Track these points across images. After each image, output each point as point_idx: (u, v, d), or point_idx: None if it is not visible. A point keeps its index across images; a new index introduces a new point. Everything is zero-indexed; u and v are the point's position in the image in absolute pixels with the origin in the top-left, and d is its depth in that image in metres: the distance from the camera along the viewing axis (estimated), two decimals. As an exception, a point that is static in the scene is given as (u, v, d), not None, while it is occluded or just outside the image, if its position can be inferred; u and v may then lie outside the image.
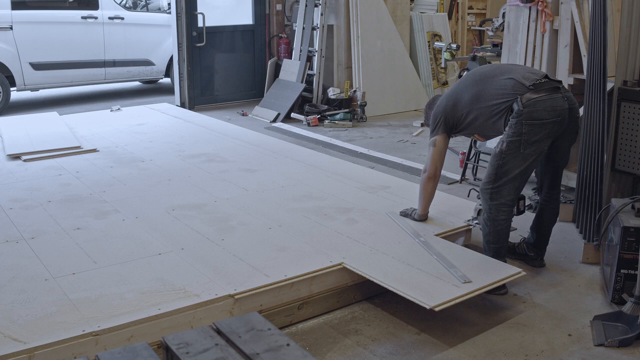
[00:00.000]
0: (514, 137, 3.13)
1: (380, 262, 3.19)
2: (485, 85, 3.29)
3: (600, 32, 3.84)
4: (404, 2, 8.50)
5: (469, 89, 3.35)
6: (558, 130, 3.19)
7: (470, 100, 3.32)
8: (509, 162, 3.16)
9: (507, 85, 3.20)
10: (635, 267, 3.10)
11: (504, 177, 3.19)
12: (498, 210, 3.25)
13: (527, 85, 3.15)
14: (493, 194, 3.24)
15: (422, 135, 6.92)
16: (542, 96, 3.12)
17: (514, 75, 3.22)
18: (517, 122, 3.11)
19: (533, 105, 3.10)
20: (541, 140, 3.14)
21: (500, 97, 3.20)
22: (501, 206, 3.25)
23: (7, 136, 5.83)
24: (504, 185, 3.21)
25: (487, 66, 3.53)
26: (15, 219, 3.79)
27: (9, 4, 7.78)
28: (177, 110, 7.46)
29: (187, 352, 2.21)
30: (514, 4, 5.09)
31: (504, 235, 3.30)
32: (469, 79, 3.41)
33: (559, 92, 3.18)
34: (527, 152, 3.14)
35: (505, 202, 3.23)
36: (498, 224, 3.27)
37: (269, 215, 3.84)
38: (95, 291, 2.87)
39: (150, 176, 4.67)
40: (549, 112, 3.12)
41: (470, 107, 3.33)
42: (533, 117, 3.10)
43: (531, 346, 2.84)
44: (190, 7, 8.16)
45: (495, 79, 3.27)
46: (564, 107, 3.17)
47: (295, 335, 2.94)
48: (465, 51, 9.99)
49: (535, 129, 3.10)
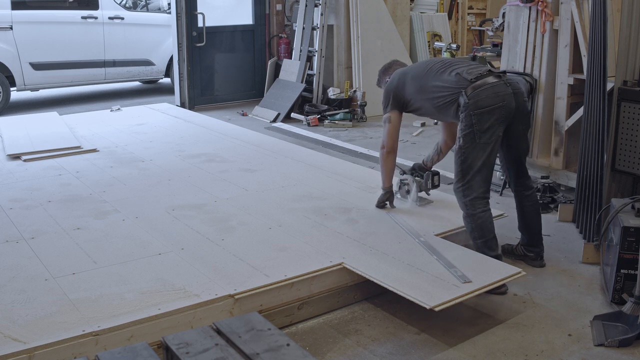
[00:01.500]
0: (467, 130, 3.27)
1: (380, 262, 3.19)
2: (430, 79, 3.46)
3: (600, 32, 3.84)
4: (404, 2, 8.51)
5: (415, 81, 3.53)
6: (507, 114, 3.30)
7: (415, 91, 3.52)
8: (470, 156, 3.28)
9: (452, 80, 3.36)
10: (635, 267, 3.10)
11: (470, 172, 3.30)
12: (474, 205, 3.33)
13: (469, 79, 3.29)
14: (465, 190, 3.33)
15: (422, 135, 6.92)
16: (485, 85, 3.27)
17: (459, 70, 3.38)
18: (466, 114, 3.26)
19: (477, 95, 3.24)
20: (492, 126, 3.25)
21: (445, 90, 3.38)
22: (475, 200, 3.33)
23: (7, 136, 5.83)
24: (473, 180, 3.31)
25: (434, 60, 3.66)
26: (15, 219, 3.79)
27: (9, 4, 7.78)
28: (177, 110, 7.46)
29: (187, 352, 2.21)
30: (514, 4, 5.08)
31: (487, 227, 3.35)
32: (417, 69, 3.61)
33: (500, 79, 3.32)
34: (483, 140, 3.26)
35: (477, 195, 3.32)
36: (478, 218, 3.33)
37: (269, 215, 3.84)
38: (95, 291, 2.87)
39: (150, 176, 4.67)
40: (493, 99, 3.25)
41: (415, 97, 3.54)
42: (479, 106, 3.23)
43: (531, 346, 2.84)
44: (190, 7, 8.16)
45: (440, 74, 3.43)
46: (507, 92, 3.29)
47: (295, 335, 2.94)
48: (465, 51, 10.00)
49: (484, 117, 3.23)
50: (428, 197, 4.10)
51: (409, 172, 4.09)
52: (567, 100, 4.74)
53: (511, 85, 3.34)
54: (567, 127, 4.75)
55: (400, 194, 4.08)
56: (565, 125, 4.76)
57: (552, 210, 4.50)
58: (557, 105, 4.83)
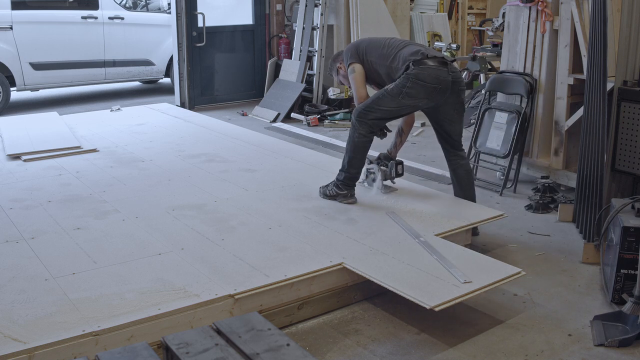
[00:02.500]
0: (399, 86, 3.78)
1: (380, 262, 3.19)
2: (393, 49, 3.93)
3: (600, 32, 3.84)
4: (404, 2, 8.51)
5: (377, 48, 3.99)
6: (438, 96, 3.80)
7: (377, 55, 3.97)
8: (385, 100, 3.82)
9: (412, 51, 3.85)
10: (635, 267, 3.10)
11: (375, 107, 3.84)
12: (360, 124, 3.88)
13: (428, 55, 3.79)
14: (361, 114, 3.87)
15: (422, 135, 6.92)
16: (432, 66, 3.75)
17: (421, 49, 3.87)
18: (406, 75, 3.77)
19: (422, 70, 3.73)
20: (418, 98, 3.78)
21: (403, 59, 3.84)
22: (363, 124, 3.88)
23: (7, 136, 5.83)
24: (372, 112, 3.85)
25: (394, 38, 4.12)
26: (15, 219, 3.79)
27: (9, 4, 7.78)
28: (177, 110, 7.46)
29: (187, 352, 2.21)
30: (514, 4, 5.09)
31: (360, 148, 3.93)
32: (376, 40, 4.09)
33: (446, 67, 3.79)
34: (403, 101, 3.79)
35: (367, 122, 3.87)
36: (357, 137, 3.89)
37: (269, 215, 3.84)
38: (95, 291, 2.86)
39: (150, 176, 4.67)
40: (432, 79, 3.74)
41: (377, 61, 3.97)
42: (418, 77, 3.73)
43: (531, 346, 2.85)
44: (190, 7, 8.16)
45: (403, 47, 3.93)
46: (447, 79, 3.77)
47: (295, 335, 2.94)
48: (465, 51, 10.00)
49: (416, 87, 3.74)
50: (393, 185, 4.32)
51: (375, 161, 4.31)
52: (567, 100, 4.74)
53: (453, 75, 3.81)
54: (567, 127, 4.75)
55: (367, 182, 4.32)
56: (565, 125, 4.76)
57: (552, 210, 4.50)
58: (557, 105, 4.83)
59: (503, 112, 5.08)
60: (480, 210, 3.97)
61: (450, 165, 4.10)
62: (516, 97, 5.10)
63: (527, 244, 4.00)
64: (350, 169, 3.97)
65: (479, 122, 5.23)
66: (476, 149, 5.22)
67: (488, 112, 5.20)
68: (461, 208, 3.98)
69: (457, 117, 3.96)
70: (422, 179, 5.29)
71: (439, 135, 4.06)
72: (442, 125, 3.99)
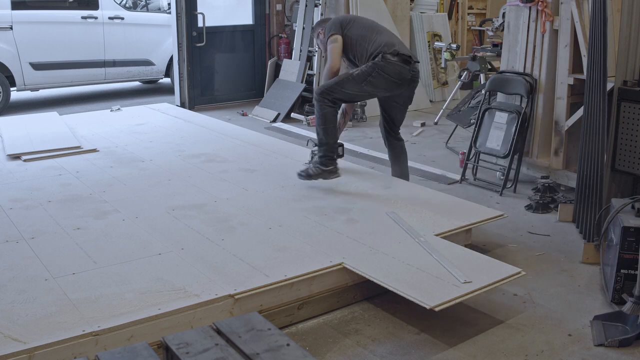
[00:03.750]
0: (364, 74, 4.14)
1: (380, 262, 3.19)
2: (374, 34, 4.28)
3: (600, 32, 3.84)
4: (404, 2, 8.50)
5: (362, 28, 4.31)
6: (395, 89, 4.23)
7: (359, 35, 4.29)
8: (349, 83, 4.16)
9: (387, 43, 4.20)
10: (635, 267, 3.11)
11: (338, 88, 4.17)
12: (324, 99, 4.18)
13: (398, 52, 4.16)
14: (324, 92, 4.18)
15: (422, 135, 6.92)
16: (397, 62, 4.15)
17: (397, 44, 4.24)
18: (373, 65, 4.13)
19: (388, 64, 4.12)
20: (378, 87, 4.18)
21: (378, 47, 4.19)
22: (325, 99, 4.18)
23: (7, 136, 5.83)
24: (334, 93, 4.17)
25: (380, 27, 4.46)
26: (15, 219, 3.79)
27: (9, 4, 7.78)
28: (177, 110, 7.46)
29: (187, 352, 2.21)
30: (514, 4, 5.09)
31: (329, 117, 4.21)
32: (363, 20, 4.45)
33: (409, 65, 4.20)
34: (364, 88, 4.16)
35: (329, 98, 4.18)
36: (323, 109, 4.19)
37: (269, 215, 3.84)
38: (95, 291, 2.87)
39: (150, 176, 4.67)
40: (395, 74, 4.15)
41: (356, 40, 4.29)
42: (383, 70, 4.12)
43: (531, 346, 2.85)
44: (190, 7, 8.16)
45: (382, 34, 4.29)
46: (407, 77, 4.21)
47: (295, 335, 2.94)
48: (465, 51, 9.99)
49: (379, 78, 4.13)
50: None
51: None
52: (567, 100, 4.74)
53: (413, 74, 4.25)
54: (567, 127, 4.75)
55: (313, 163, 4.47)
56: (565, 125, 4.76)
57: (552, 210, 4.50)
58: (557, 105, 4.83)
59: (503, 112, 5.08)
60: (480, 210, 3.97)
61: (390, 146, 4.57)
62: (516, 97, 5.10)
63: (527, 244, 4.00)
64: (328, 139, 4.22)
65: (479, 122, 5.23)
66: (476, 149, 5.21)
67: (488, 112, 5.20)
68: (461, 208, 3.98)
69: (403, 107, 4.46)
70: (422, 179, 5.29)
71: (384, 120, 4.51)
72: (389, 112, 4.47)
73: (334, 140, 4.25)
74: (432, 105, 8.43)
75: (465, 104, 6.44)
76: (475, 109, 5.77)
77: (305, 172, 4.28)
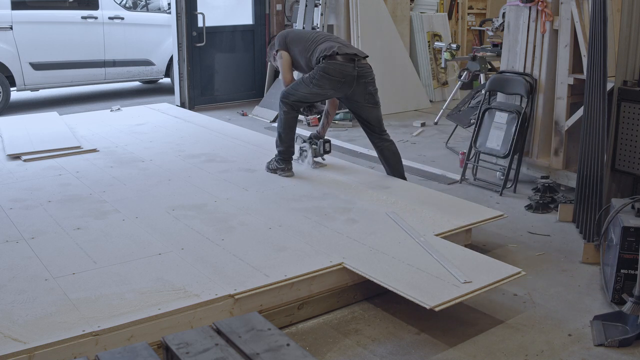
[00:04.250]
0: (310, 77, 4.44)
1: (380, 262, 3.19)
2: (313, 44, 4.53)
3: (600, 32, 3.84)
4: (404, 2, 8.50)
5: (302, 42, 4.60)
6: (344, 88, 4.42)
7: (301, 48, 4.59)
8: (301, 87, 4.49)
9: (327, 47, 4.43)
10: (635, 267, 3.10)
11: (294, 92, 4.50)
12: (284, 104, 4.53)
13: (339, 52, 4.36)
14: (283, 96, 4.54)
15: (422, 135, 6.93)
16: (339, 62, 4.35)
17: (337, 45, 4.44)
18: (316, 68, 4.42)
19: (329, 65, 4.35)
20: (325, 88, 4.42)
21: (320, 52, 4.44)
22: (286, 104, 4.52)
23: (7, 136, 5.83)
24: (292, 96, 4.51)
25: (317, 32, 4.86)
26: (15, 219, 3.79)
27: (9, 4, 7.78)
28: (177, 110, 7.46)
29: (187, 352, 2.21)
30: (514, 4, 5.09)
31: (287, 124, 4.56)
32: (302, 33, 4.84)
33: (353, 63, 4.36)
34: (312, 89, 4.44)
35: (288, 103, 4.52)
36: (283, 115, 4.55)
37: (269, 215, 3.84)
38: (95, 291, 2.87)
39: (150, 176, 4.67)
40: (337, 73, 4.35)
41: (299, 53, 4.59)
42: (325, 71, 4.36)
43: (531, 346, 2.85)
44: (190, 7, 8.16)
45: (322, 41, 4.52)
46: (352, 74, 4.37)
47: (295, 335, 2.94)
48: (465, 51, 10.00)
49: (323, 79, 4.38)
50: (322, 162, 4.89)
51: (307, 140, 4.86)
52: (567, 100, 4.74)
53: (359, 70, 4.39)
54: (567, 127, 4.75)
55: (301, 159, 4.89)
56: (565, 125, 4.76)
57: (552, 210, 4.50)
58: (557, 105, 4.83)
59: (503, 112, 5.08)
60: (480, 210, 3.97)
61: (376, 147, 4.67)
62: (516, 97, 5.10)
63: (527, 244, 4.00)
64: (282, 144, 4.59)
65: (479, 122, 5.23)
66: (476, 149, 5.21)
67: (488, 112, 5.20)
68: (461, 208, 3.98)
69: (368, 105, 4.53)
70: (422, 179, 5.29)
71: (359, 122, 4.67)
72: (358, 114, 4.61)
73: (287, 145, 4.60)
74: (432, 105, 8.43)
75: (465, 104, 6.44)
76: (475, 109, 5.77)
77: (268, 164, 4.73)
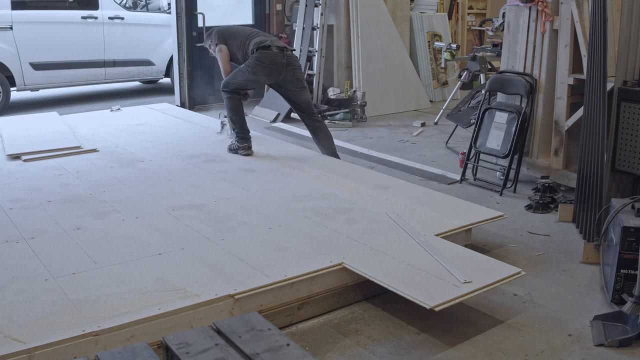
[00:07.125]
0: (246, 65, 5.12)
1: (380, 262, 3.19)
2: (247, 38, 5.23)
3: (600, 32, 3.84)
4: (404, 2, 8.50)
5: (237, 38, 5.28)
6: (275, 74, 5.12)
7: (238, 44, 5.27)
8: (238, 75, 5.15)
9: (259, 41, 5.12)
10: (635, 267, 3.11)
11: (233, 80, 5.17)
12: (225, 91, 5.19)
13: (270, 45, 5.07)
14: (224, 84, 5.20)
15: (422, 135, 6.92)
16: (270, 51, 5.06)
17: (269, 39, 5.15)
18: (252, 57, 5.11)
19: (261, 54, 5.04)
20: (258, 74, 5.10)
21: (253, 45, 5.12)
22: (225, 91, 5.19)
23: (7, 136, 5.83)
24: (231, 84, 5.17)
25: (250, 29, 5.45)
26: (15, 219, 3.79)
27: (9, 4, 7.77)
28: (177, 110, 7.46)
29: (187, 352, 2.21)
30: (514, 4, 5.09)
31: (234, 105, 5.21)
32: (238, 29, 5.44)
33: (282, 52, 5.09)
34: (248, 76, 5.11)
35: (228, 89, 5.18)
36: (227, 99, 5.21)
37: (269, 215, 3.84)
38: (95, 291, 2.87)
39: (150, 176, 4.67)
40: (269, 61, 5.05)
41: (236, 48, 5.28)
42: (259, 59, 5.05)
43: (531, 346, 2.85)
44: (190, 7, 8.16)
45: (254, 37, 5.22)
46: (281, 62, 5.07)
47: (295, 335, 2.94)
48: (465, 51, 10.00)
49: (257, 66, 5.06)
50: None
51: (226, 115, 5.48)
52: (567, 100, 4.74)
53: (287, 59, 5.10)
54: (567, 127, 4.75)
55: (222, 131, 5.78)
56: (565, 125, 4.76)
57: (552, 210, 4.50)
58: (557, 105, 4.83)
59: (503, 112, 5.08)
60: (480, 210, 3.97)
61: (309, 128, 5.35)
62: (516, 97, 5.10)
63: (527, 244, 4.00)
64: (235, 125, 5.21)
65: (479, 122, 5.23)
66: (476, 149, 5.21)
67: (488, 112, 5.20)
68: (461, 208, 3.98)
69: (296, 89, 5.24)
70: (422, 179, 5.29)
71: (292, 106, 5.43)
72: (289, 98, 5.34)
73: (240, 124, 5.22)
74: (432, 105, 8.43)
75: (465, 104, 6.44)
76: (475, 109, 5.77)
77: (229, 146, 5.28)
